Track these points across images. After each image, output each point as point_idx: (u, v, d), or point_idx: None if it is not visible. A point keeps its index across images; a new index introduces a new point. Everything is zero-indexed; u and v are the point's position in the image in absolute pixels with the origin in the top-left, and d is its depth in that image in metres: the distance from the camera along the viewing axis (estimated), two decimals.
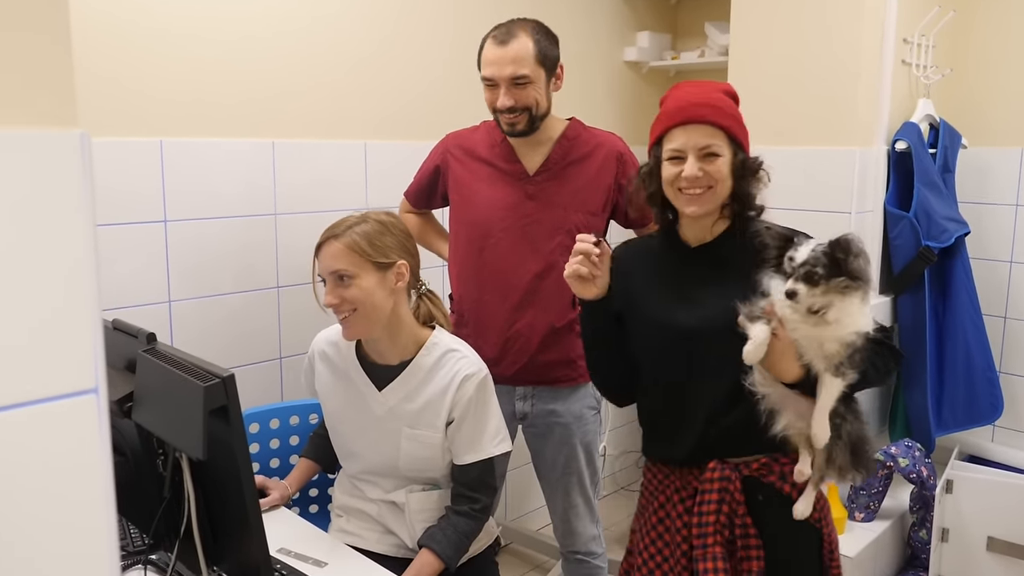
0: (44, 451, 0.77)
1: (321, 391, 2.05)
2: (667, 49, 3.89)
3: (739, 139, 1.69)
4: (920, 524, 3.03)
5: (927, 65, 3.11)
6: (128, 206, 2.25)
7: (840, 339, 1.55)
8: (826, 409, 1.60)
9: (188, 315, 2.40)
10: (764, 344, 1.56)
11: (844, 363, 1.57)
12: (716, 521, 1.69)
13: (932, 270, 3.00)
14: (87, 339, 0.79)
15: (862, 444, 1.67)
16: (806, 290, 1.51)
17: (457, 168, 2.34)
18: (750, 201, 1.72)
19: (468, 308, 2.33)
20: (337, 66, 2.68)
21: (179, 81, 2.32)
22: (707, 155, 1.66)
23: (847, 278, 1.50)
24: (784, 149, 2.97)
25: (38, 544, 0.78)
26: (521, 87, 2.17)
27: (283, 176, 2.57)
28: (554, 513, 2.47)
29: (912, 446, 2.98)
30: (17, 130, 0.73)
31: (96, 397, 0.80)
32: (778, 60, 2.97)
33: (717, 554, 1.68)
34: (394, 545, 1.98)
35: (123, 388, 1.42)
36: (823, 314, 1.53)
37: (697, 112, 1.66)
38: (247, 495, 1.36)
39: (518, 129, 2.21)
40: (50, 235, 0.75)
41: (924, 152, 2.97)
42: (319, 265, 1.88)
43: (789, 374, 1.59)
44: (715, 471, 1.70)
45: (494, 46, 2.18)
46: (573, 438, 2.36)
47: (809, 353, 1.58)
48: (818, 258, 1.51)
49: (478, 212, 2.29)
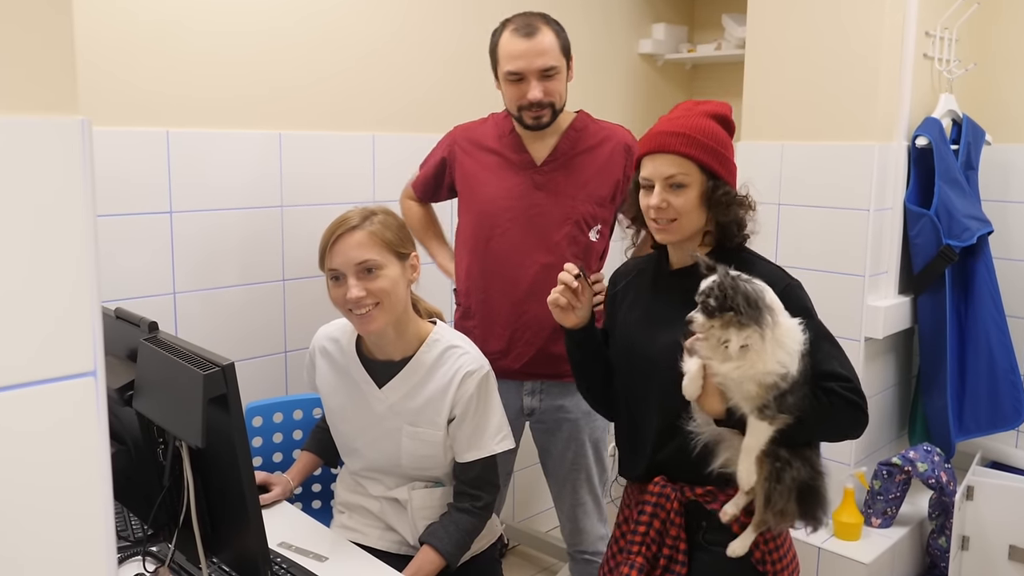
0: (42, 432, 0.80)
1: (322, 388, 2.08)
2: (683, 41, 3.91)
3: (711, 167, 1.69)
4: (939, 531, 3.03)
5: (950, 59, 3.12)
6: (133, 197, 2.30)
7: (754, 379, 1.56)
8: (752, 451, 1.62)
9: (192, 307, 2.45)
10: (698, 378, 1.60)
11: (769, 406, 1.57)
12: (646, 533, 1.75)
13: (953, 270, 3.00)
14: (86, 322, 0.82)
15: (811, 494, 1.66)
16: (703, 320, 1.54)
17: (465, 160, 2.38)
18: (729, 230, 1.74)
19: (475, 300, 2.36)
20: (346, 58, 2.73)
21: (186, 72, 2.37)
22: (673, 186, 1.69)
23: (734, 313, 1.52)
24: (801, 145, 2.99)
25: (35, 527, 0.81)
26: (550, 79, 2.21)
27: (290, 168, 2.62)
28: (561, 511, 2.50)
29: (931, 450, 2.98)
30: (19, 116, 0.77)
31: (94, 380, 0.83)
32: (796, 53, 2.98)
33: (636, 563, 1.75)
34: (396, 542, 2.01)
35: (124, 376, 1.47)
36: (726, 347, 1.55)
37: (666, 142, 1.69)
38: (246, 485, 1.40)
39: (544, 122, 2.25)
40: (50, 219, 0.79)
41: (946, 148, 2.97)
42: (335, 259, 1.87)
43: (711, 409, 1.63)
44: (656, 485, 1.77)
45: (518, 39, 2.20)
46: (582, 434, 2.39)
47: (732, 393, 1.60)
48: (712, 289, 1.54)
49: (485, 202, 2.33)
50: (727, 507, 1.70)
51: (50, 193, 0.79)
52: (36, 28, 0.78)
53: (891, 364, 3.16)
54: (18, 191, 0.77)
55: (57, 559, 0.83)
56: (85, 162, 0.80)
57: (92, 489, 0.84)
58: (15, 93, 0.77)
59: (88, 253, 0.81)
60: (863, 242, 2.88)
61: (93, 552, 0.85)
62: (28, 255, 0.78)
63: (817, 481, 1.67)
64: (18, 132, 0.76)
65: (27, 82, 0.78)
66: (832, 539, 2.91)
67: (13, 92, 0.77)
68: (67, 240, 0.80)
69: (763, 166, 3.06)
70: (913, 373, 3.30)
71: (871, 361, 2.98)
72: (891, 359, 3.15)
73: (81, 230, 0.81)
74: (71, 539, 0.83)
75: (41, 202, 0.78)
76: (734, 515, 1.70)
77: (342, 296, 1.87)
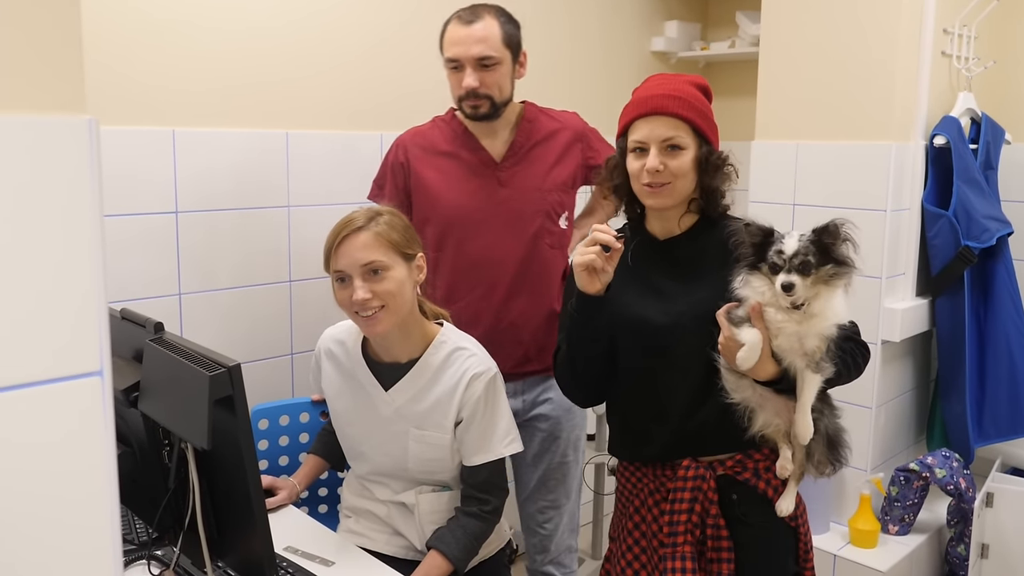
0: (48, 432, 0.81)
1: (328, 391, 2.10)
2: (696, 39, 3.91)
3: (705, 133, 1.73)
4: (958, 539, 3.02)
5: (968, 57, 3.11)
6: (139, 196, 2.32)
7: (820, 333, 1.60)
8: (808, 406, 1.65)
9: (198, 308, 2.47)
10: (758, 348, 1.61)
11: (823, 358, 1.61)
12: (688, 520, 1.75)
13: (973, 271, 2.99)
14: (93, 321, 0.83)
15: (838, 437, 1.73)
16: (801, 281, 1.55)
17: (419, 168, 2.36)
18: (716, 197, 1.77)
19: (455, 309, 2.27)
20: (353, 56, 2.74)
21: (192, 71, 2.39)
22: (670, 148, 1.71)
23: (834, 264, 1.55)
24: (817, 144, 2.98)
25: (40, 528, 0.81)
26: (488, 69, 2.22)
27: (297, 167, 2.64)
28: (530, 518, 2.48)
29: (950, 456, 2.97)
30: (26, 115, 0.78)
31: (100, 380, 0.84)
32: (811, 51, 2.98)
33: (686, 554, 1.74)
34: (403, 547, 2.03)
35: (130, 377, 1.48)
36: (807, 307, 1.57)
37: (661, 104, 1.71)
38: (252, 488, 1.42)
39: (481, 112, 2.25)
40: (57, 218, 0.80)
41: (964, 148, 2.96)
42: (341, 260, 1.88)
43: (765, 373, 1.64)
44: (689, 469, 1.76)
45: (459, 26, 2.23)
46: (562, 432, 2.40)
47: (790, 353, 1.62)
48: (808, 247, 1.56)
49: (450, 208, 2.31)
50: (781, 463, 1.74)
51: (57, 193, 0.79)
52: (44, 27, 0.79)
53: (909, 368, 3.15)
54: (25, 191, 0.78)
55: (61, 565, 0.83)
56: (93, 162, 0.81)
57: (98, 491, 0.85)
58: (22, 92, 0.78)
59: (95, 253, 0.82)
60: (880, 243, 2.87)
61: (99, 556, 0.85)
62: (35, 254, 0.79)
63: (839, 423, 1.74)
64: (26, 132, 0.77)
65: (34, 81, 0.78)
66: (848, 546, 2.91)
67: (21, 91, 0.78)
68: (75, 240, 0.81)
69: (777, 166, 3.06)
70: (931, 377, 3.28)
71: (888, 365, 2.98)
72: (909, 363, 3.15)
73: (89, 230, 0.81)
74: (76, 542, 0.84)
75: (48, 202, 0.79)
76: (791, 469, 1.74)
77: (348, 298, 1.88)
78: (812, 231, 1.57)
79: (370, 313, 1.87)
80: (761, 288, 1.61)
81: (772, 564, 1.80)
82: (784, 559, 1.81)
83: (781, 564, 1.81)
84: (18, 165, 0.77)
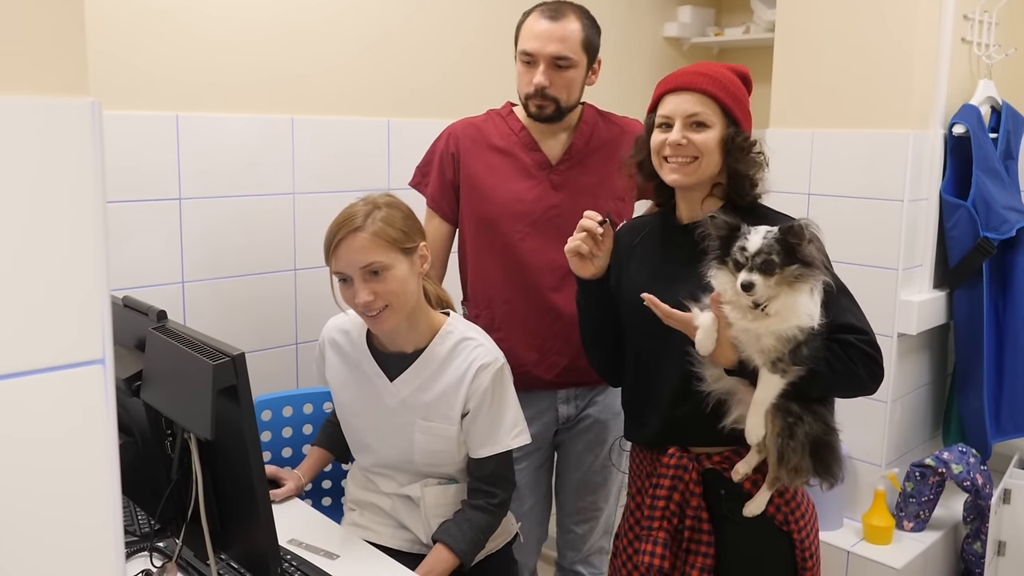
0: (48, 422, 0.81)
1: (332, 381, 2.09)
2: (710, 24, 3.90)
3: (734, 113, 1.72)
4: (974, 536, 3.01)
5: (989, 43, 3.09)
6: (141, 183, 2.32)
7: (776, 333, 1.57)
8: (761, 404, 1.63)
9: (201, 297, 2.47)
10: (712, 331, 1.61)
11: (784, 359, 1.59)
12: (665, 507, 1.77)
13: (991, 263, 2.98)
14: (95, 308, 0.82)
15: (827, 449, 1.69)
16: (762, 281, 1.54)
17: (469, 160, 2.31)
18: (742, 182, 1.75)
19: (499, 311, 2.29)
20: (360, 40, 2.73)
21: (196, 55, 2.38)
22: (695, 124, 1.70)
23: (800, 266, 1.53)
24: (833, 132, 2.97)
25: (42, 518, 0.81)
26: (561, 70, 2.17)
27: (302, 154, 2.63)
28: (566, 517, 2.48)
29: (967, 452, 2.97)
30: (27, 97, 0.77)
31: (103, 368, 0.84)
32: (828, 37, 2.96)
33: (659, 539, 1.76)
34: (408, 540, 2.02)
35: (132, 366, 1.48)
36: (764, 308, 1.56)
37: (690, 80, 1.72)
38: (256, 479, 1.42)
39: (545, 114, 2.21)
40: (59, 203, 0.79)
41: (984, 137, 2.95)
42: (339, 263, 1.87)
43: (725, 360, 1.64)
44: (672, 457, 1.78)
45: (541, 20, 2.17)
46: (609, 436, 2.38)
47: (746, 347, 1.62)
48: (771, 245, 1.54)
49: (499, 206, 2.27)
50: (738, 466, 1.73)
51: (59, 177, 0.79)
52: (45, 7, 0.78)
53: (925, 361, 3.15)
54: (26, 175, 0.77)
55: (62, 551, 0.83)
56: (96, 145, 0.81)
57: (101, 483, 0.85)
58: (24, 74, 0.77)
59: (98, 238, 0.82)
60: (897, 234, 2.86)
61: (101, 544, 0.85)
62: (37, 240, 0.78)
63: (830, 436, 1.70)
64: (26, 114, 0.77)
65: (36, 63, 0.78)
66: (862, 543, 2.90)
67: (22, 72, 0.77)
68: (77, 225, 0.80)
69: (793, 155, 3.04)
70: (948, 371, 3.27)
71: (904, 358, 2.97)
72: (925, 356, 3.14)
73: (92, 215, 0.81)
74: (78, 535, 0.84)
75: (50, 186, 0.79)
76: (746, 474, 1.73)
77: (351, 298, 1.88)
78: (779, 230, 1.56)
79: (375, 313, 1.87)
80: (725, 284, 1.60)
81: (758, 566, 1.80)
82: (773, 564, 1.79)
83: (772, 566, 1.79)
84: (19, 148, 0.77)
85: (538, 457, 2.36)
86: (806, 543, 1.79)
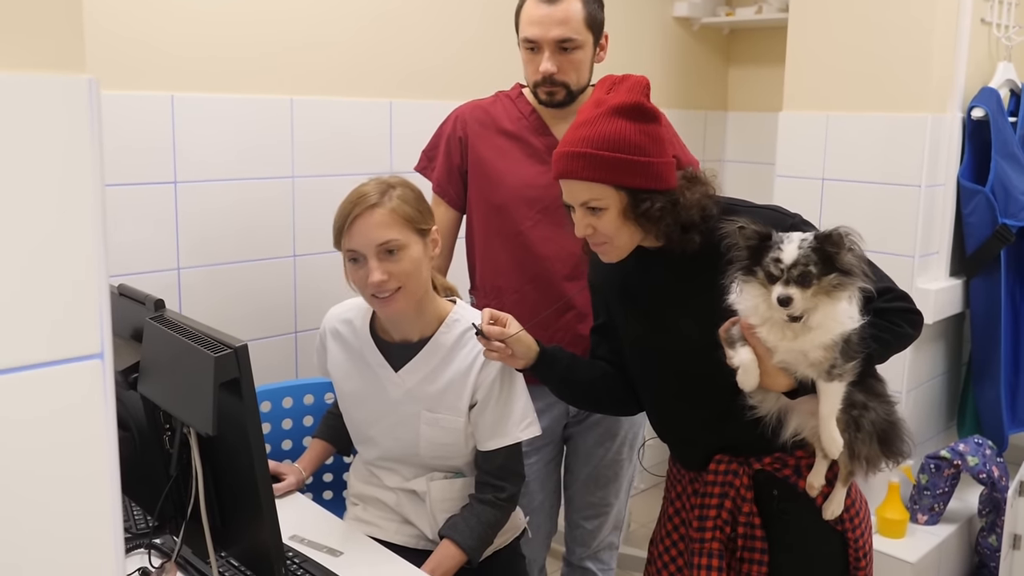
0: (47, 417, 0.79)
1: (334, 372, 2.07)
2: (721, 4, 3.86)
3: (624, 184, 1.61)
4: (989, 529, 3.02)
5: (1009, 25, 3.07)
6: (135, 165, 2.28)
7: (822, 344, 1.52)
8: (830, 417, 1.59)
9: (198, 284, 2.44)
10: (753, 369, 1.56)
11: (837, 363, 1.54)
12: (717, 516, 1.73)
13: (1009, 251, 2.97)
14: (94, 299, 0.80)
15: (891, 429, 1.65)
16: (800, 294, 1.48)
17: (478, 145, 2.28)
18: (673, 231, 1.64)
19: (509, 300, 2.25)
20: (362, 19, 2.69)
21: (192, 33, 2.34)
22: (590, 209, 1.64)
23: (839, 274, 1.48)
24: (848, 115, 2.95)
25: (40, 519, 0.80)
26: (567, 53, 2.13)
27: (302, 136, 2.60)
28: (575, 511, 2.46)
29: (983, 443, 2.96)
30: (23, 73, 0.75)
31: (102, 362, 0.82)
32: (843, 17, 2.93)
33: (714, 551, 1.72)
34: (413, 536, 2.00)
35: (129, 358, 1.46)
36: (805, 320, 1.51)
37: (568, 167, 1.63)
38: (259, 475, 1.39)
39: (556, 100, 2.18)
40: (56, 185, 0.77)
41: (1004, 121, 2.93)
42: (354, 240, 1.83)
43: (781, 387, 1.60)
44: (720, 464, 1.75)
45: (539, 4, 2.12)
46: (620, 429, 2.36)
47: (796, 366, 1.57)
48: (808, 255, 1.48)
49: (508, 192, 2.23)
50: (811, 480, 1.69)
51: (56, 156, 0.77)
52: None
53: (940, 351, 3.13)
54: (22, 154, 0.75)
55: (60, 553, 0.82)
56: (93, 124, 0.78)
57: (99, 479, 0.83)
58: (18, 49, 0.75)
59: (96, 223, 0.80)
60: (913, 220, 2.84)
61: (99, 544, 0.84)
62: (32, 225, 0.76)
63: (892, 416, 1.66)
64: (21, 90, 0.74)
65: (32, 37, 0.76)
66: (876, 536, 2.89)
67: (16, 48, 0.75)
68: (74, 209, 0.78)
69: (807, 138, 3.02)
70: (964, 361, 3.27)
71: (919, 347, 2.95)
72: (940, 346, 3.13)
73: (89, 198, 0.79)
74: (74, 532, 0.82)
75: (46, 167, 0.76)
76: (821, 485, 1.69)
77: (363, 279, 1.84)
78: (814, 237, 1.50)
79: (386, 295, 1.84)
80: (756, 299, 1.54)
81: (809, 568, 1.76)
82: (824, 565, 1.76)
83: (820, 569, 1.77)
84: (16, 127, 0.74)
85: (548, 452, 2.33)
86: (859, 542, 1.76)
